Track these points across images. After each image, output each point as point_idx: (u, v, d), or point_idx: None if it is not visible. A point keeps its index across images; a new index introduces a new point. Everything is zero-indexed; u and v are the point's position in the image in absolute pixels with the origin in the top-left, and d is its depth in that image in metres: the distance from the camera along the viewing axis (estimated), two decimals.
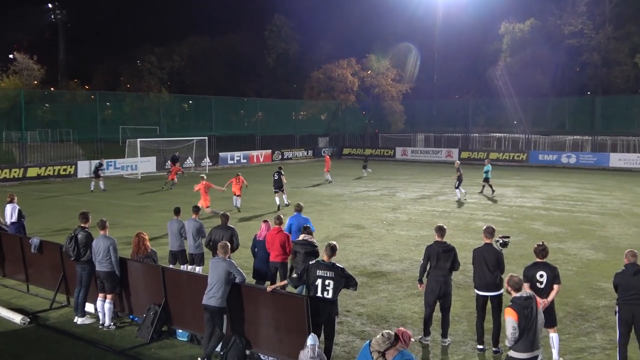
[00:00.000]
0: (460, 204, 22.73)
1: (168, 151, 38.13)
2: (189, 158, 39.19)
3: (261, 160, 44.67)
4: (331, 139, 54.97)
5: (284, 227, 10.49)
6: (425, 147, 50.20)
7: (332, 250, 7.67)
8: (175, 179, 28.44)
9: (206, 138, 38.99)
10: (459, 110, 54.00)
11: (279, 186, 22.21)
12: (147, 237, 9.89)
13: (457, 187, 23.97)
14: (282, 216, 10.30)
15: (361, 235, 16.56)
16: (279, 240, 9.97)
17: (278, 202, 22.13)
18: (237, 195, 22.38)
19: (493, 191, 25.60)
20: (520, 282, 6.47)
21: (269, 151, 45.99)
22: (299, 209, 11.80)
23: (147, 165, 35.91)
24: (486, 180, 25.34)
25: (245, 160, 42.94)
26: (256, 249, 10.54)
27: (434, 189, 27.72)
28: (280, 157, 46.45)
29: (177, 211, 11.81)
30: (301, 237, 9.70)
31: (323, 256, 7.77)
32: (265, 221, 10.66)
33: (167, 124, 44.01)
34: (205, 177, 19.14)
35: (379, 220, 19.21)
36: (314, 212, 20.74)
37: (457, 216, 19.91)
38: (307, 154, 49.60)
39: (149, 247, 9.78)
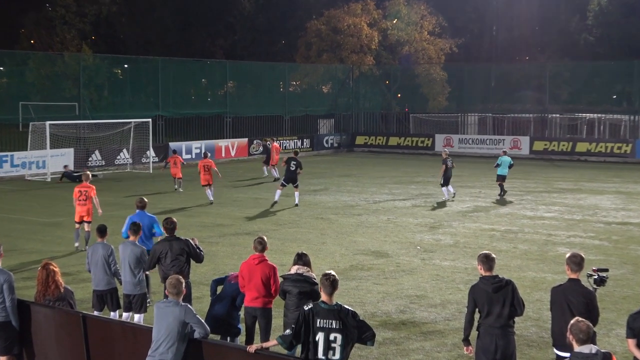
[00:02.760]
0: (533, 218, 22.77)
1: (91, 140, 38.12)
2: (124, 150, 39.18)
3: (232, 153, 44.73)
4: (338, 122, 54.98)
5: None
6: (480, 134, 50.30)
7: (332, 285, 7.63)
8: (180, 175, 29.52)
9: (150, 120, 39.03)
10: (531, 78, 54.05)
11: (291, 179, 24.56)
12: (58, 270, 9.88)
13: (443, 185, 26.59)
14: (264, 238, 10.31)
15: (384, 267, 16.57)
16: (261, 274, 9.94)
17: (276, 199, 24.90)
18: (209, 185, 24.89)
19: (504, 193, 27.54)
20: (588, 331, 6.48)
21: (245, 140, 46.04)
22: (141, 205, 13.08)
23: (60, 161, 35.88)
24: (502, 178, 27.36)
25: (209, 154, 42.79)
26: (220, 287, 10.57)
27: (493, 197, 27.74)
28: (260, 149, 46.47)
29: (102, 231, 11.80)
30: (293, 269, 9.67)
31: (321, 295, 7.75)
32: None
33: (92, 99, 43.95)
34: (90, 175, 18.94)
35: (410, 244, 19.20)
36: (312, 231, 20.76)
37: (528, 238, 19.91)
38: (302, 144, 49.65)
39: (62, 285, 9.77)
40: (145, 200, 13.76)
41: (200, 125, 46.35)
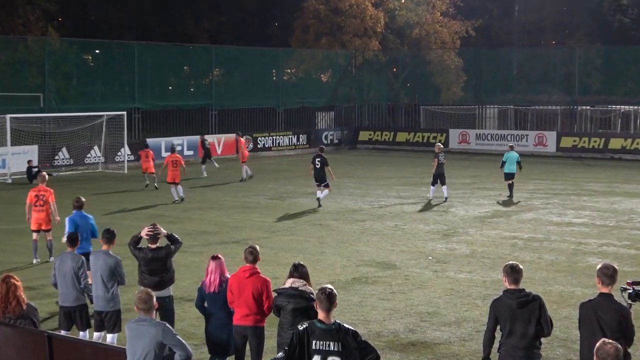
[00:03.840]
0: (561, 225, 22.79)
1: (58, 135, 38.05)
2: (95, 147, 39.14)
3: (219, 150, 44.72)
4: (338, 116, 54.93)
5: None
6: (500, 130, 50.30)
7: (329, 300, 7.58)
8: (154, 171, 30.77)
9: (124, 113, 39.01)
10: (558, 65, 54.10)
11: (318, 178, 25.87)
12: (20, 283, 9.88)
13: (434, 184, 27.62)
14: (256, 247, 10.31)
15: (391, 281, 16.58)
16: (252, 288, 9.96)
17: (321, 196, 26.14)
18: (176, 183, 26.93)
19: (510, 196, 28.10)
20: (617, 354, 6.49)
21: (232, 136, 45.92)
22: (79, 204, 13.86)
23: (23, 159, 35.85)
24: (510, 177, 27.88)
25: (191, 152, 43.03)
26: (206, 305, 10.58)
27: (514, 199, 27.82)
28: (250, 145, 46.51)
29: (72, 240, 11.83)
30: (288, 282, 9.68)
31: (318, 313, 7.72)
32: (214, 257, 10.52)
33: (59, 89, 43.91)
34: (47, 177, 18.78)
35: (421, 254, 19.21)
36: (310, 239, 20.79)
37: (554, 247, 19.92)
38: (298, 140, 49.71)
39: (24, 301, 9.77)
40: (83, 199, 14.30)
41: (182, 119, 46.30)
